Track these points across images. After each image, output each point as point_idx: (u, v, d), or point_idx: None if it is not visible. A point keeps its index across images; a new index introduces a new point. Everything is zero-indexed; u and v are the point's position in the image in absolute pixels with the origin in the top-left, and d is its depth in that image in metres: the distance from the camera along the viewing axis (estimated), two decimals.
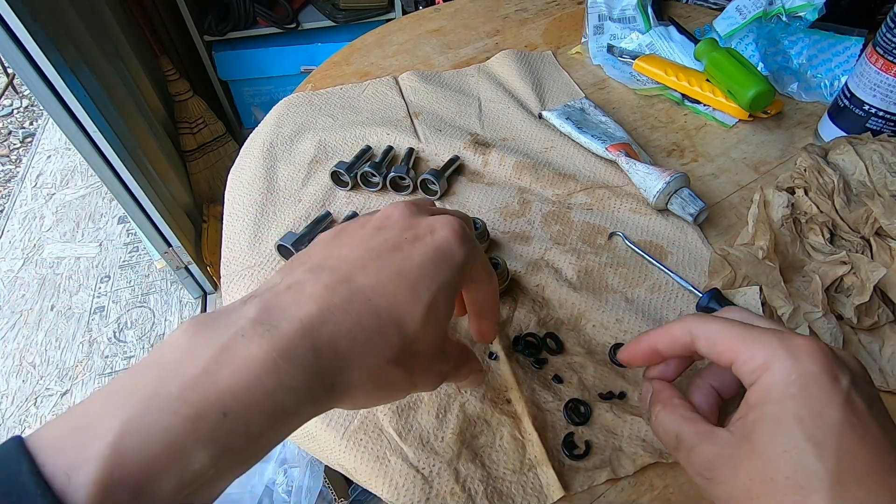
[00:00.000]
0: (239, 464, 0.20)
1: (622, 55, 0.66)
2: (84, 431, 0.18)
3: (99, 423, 0.18)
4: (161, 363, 0.20)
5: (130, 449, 0.17)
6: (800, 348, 0.23)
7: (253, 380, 0.19)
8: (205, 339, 0.20)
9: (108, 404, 0.18)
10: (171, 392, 0.18)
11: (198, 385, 0.19)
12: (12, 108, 2.19)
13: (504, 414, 0.36)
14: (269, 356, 0.20)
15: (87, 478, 0.17)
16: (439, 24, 0.76)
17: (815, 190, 0.44)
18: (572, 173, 0.52)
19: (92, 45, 1.11)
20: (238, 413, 0.19)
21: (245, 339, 0.20)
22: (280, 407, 0.20)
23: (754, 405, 0.23)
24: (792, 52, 0.62)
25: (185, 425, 0.18)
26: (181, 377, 0.19)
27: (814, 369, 0.22)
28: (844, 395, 0.22)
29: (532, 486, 0.33)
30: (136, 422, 0.18)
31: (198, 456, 0.18)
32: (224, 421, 0.18)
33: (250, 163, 0.55)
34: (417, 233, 0.25)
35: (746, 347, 0.24)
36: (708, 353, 0.26)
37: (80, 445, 0.17)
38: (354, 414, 0.36)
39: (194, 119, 1.52)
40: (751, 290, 0.40)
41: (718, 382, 0.28)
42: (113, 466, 0.17)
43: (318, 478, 0.83)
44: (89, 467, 0.17)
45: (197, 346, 0.20)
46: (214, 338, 0.20)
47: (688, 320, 0.27)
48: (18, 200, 1.75)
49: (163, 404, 0.18)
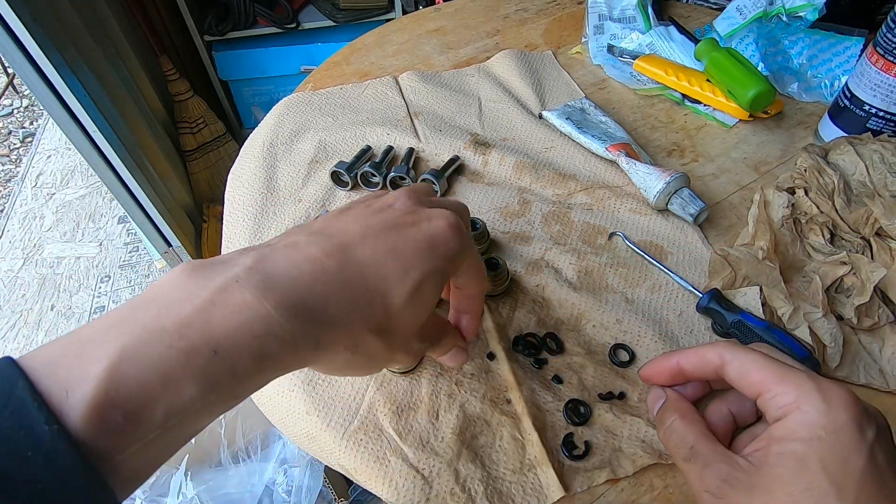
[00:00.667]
0: (223, 401, 0.20)
1: (622, 55, 0.66)
2: (81, 355, 0.18)
3: (96, 348, 0.18)
4: (158, 299, 0.20)
5: (126, 375, 0.18)
6: (834, 395, 0.24)
7: (244, 323, 0.20)
8: (201, 280, 0.21)
9: (105, 332, 0.19)
10: (166, 326, 0.19)
11: (192, 322, 0.19)
12: (12, 107, 2.19)
13: (504, 414, 0.36)
14: (261, 303, 0.21)
15: (84, 397, 0.17)
16: (439, 23, 0.76)
17: (815, 190, 0.44)
18: (572, 173, 0.52)
19: (92, 45, 1.11)
20: (228, 352, 0.20)
21: (239, 284, 0.21)
22: (266, 352, 0.21)
23: (779, 439, 0.24)
24: (792, 52, 0.62)
25: (178, 358, 0.19)
26: (177, 314, 0.20)
27: (845, 417, 0.23)
28: (869, 446, 0.23)
29: (532, 486, 0.33)
30: (133, 350, 0.18)
31: (188, 388, 0.19)
32: (214, 358, 0.19)
33: (250, 163, 0.55)
34: (416, 218, 0.27)
35: (779, 382, 0.25)
36: (737, 380, 0.27)
37: (77, 367, 0.18)
38: (354, 414, 0.36)
39: (194, 119, 1.52)
40: (751, 291, 0.40)
41: (737, 410, 0.29)
42: (108, 389, 0.17)
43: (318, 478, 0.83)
44: (85, 388, 0.17)
45: (193, 287, 0.21)
46: (210, 280, 0.21)
47: (720, 346, 0.28)
48: (18, 200, 1.75)
49: (159, 337, 0.19)
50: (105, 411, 0.17)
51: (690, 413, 0.29)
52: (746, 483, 0.24)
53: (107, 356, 0.18)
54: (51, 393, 0.17)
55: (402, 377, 0.38)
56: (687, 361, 0.29)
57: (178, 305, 0.20)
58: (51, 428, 0.17)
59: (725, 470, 0.25)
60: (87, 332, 0.19)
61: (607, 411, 0.35)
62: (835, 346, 0.37)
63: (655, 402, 0.31)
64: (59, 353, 0.18)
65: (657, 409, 0.30)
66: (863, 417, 0.23)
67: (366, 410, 0.36)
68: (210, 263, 0.22)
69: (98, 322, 0.20)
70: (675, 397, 0.30)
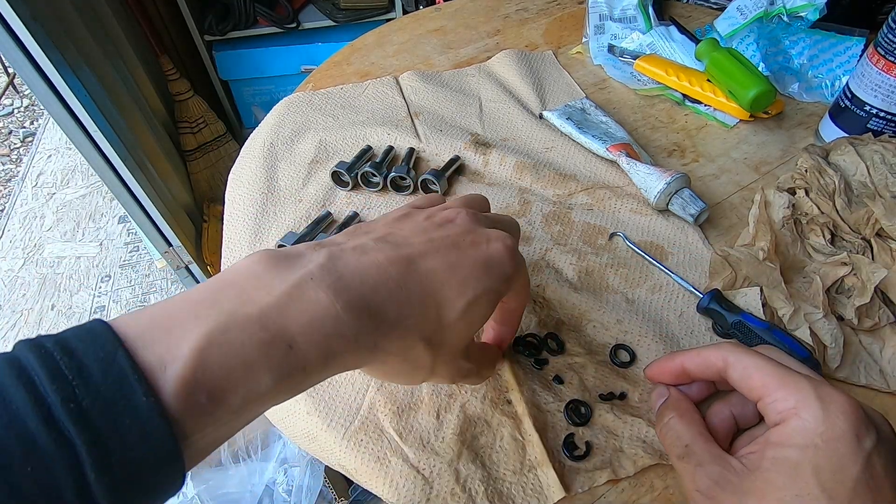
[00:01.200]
0: (288, 393, 0.21)
1: (623, 55, 0.66)
2: (170, 331, 0.19)
3: (184, 327, 0.19)
4: (238, 285, 0.21)
5: (212, 358, 0.19)
6: (833, 402, 0.24)
7: (316, 321, 0.21)
8: (278, 273, 0.22)
9: (190, 311, 0.20)
10: (249, 315, 0.20)
11: (271, 314, 0.20)
12: (13, 107, 2.19)
13: (504, 415, 0.36)
14: (332, 303, 0.22)
15: (175, 374, 0.18)
16: (440, 23, 0.76)
17: (815, 191, 0.44)
18: (573, 173, 0.52)
19: (92, 45, 1.11)
20: (301, 347, 0.20)
21: (314, 282, 0.22)
22: (332, 351, 0.21)
23: (774, 444, 0.24)
24: (793, 52, 0.62)
25: (259, 348, 0.20)
26: (257, 304, 0.20)
27: (843, 426, 0.23)
28: (866, 455, 0.23)
29: (532, 486, 0.33)
30: (219, 335, 0.19)
31: (264, 378, 0.20)
32: (289, 352, 0.20)
33: (251, 162, 0.55)
34: (475, 238, 0.28)
35: (780, 387, 0.25)
36: (739, 383, 0.27)
37: (169, 343, 0.19)
38: (355, 414, 0.36)
39: (195, 119, 1.52)
40: (751, 291, 0.40)
41: (738, 412, 0.29)
42: (196, 369, 0.18)
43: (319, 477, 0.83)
44: (177, 365, 0.18)
45: (271, 278, 0.22)
46: (287, 274, 0.22)
47: (724, 347, 0.28)
48: (19, 200, 1.75)
49: (242, 325, 0.20)
50: (192, 391, 0.18)
51: (689, 412, 0.29)
52: (738, 486, 0.24)
53: (195, 337, 0.19)
54: (149, 366, 0.18)
55: None
56: (691, 362, 0.29)
57: (257, 295, 0.21)
58: (148, 400, 0.17)
59: (718, 471, 0.25)
60: (172, 309, 0.20)
61: (608, 412, 0.35)
62: (835, 346, 0.37)
63: (658, 400, 0.31)
64: (147, 326, 0.19)
65: (658, 406, 0.31)
66: (862, 426, 0.23)
67: (366, 411, 0.36)
68: (285, 256, 0.23)
69: (180, 299, 0.20)
70: (677, 396, 0.30)
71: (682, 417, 0.29)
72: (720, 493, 0.25)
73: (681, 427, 0.28)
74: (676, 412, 0.29)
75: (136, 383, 0.17)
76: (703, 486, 0.25)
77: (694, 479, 0.26)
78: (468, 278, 0.26)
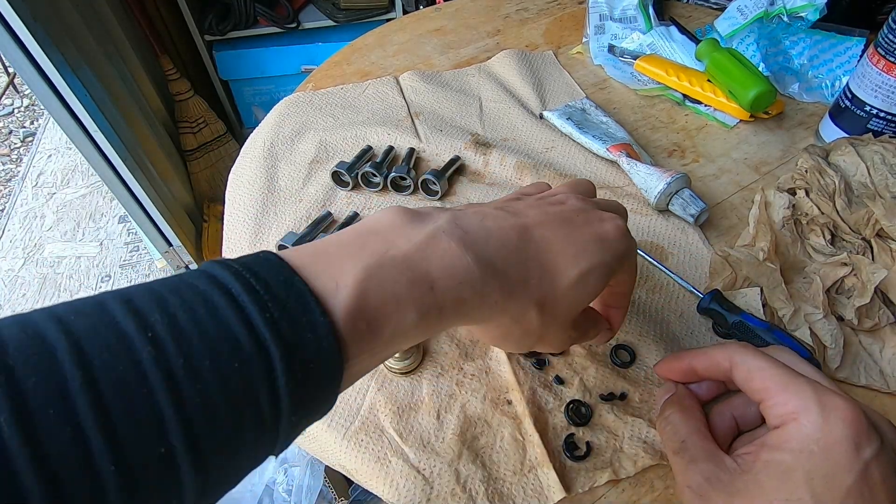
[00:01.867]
0: (425, 332, 0.23)
1: (623, 55, 0.66)
2: (332, 264, 0.21)
3: (345, 262, 0.21)
4: (381, 233, 0.23)
5: (371, 290, 0.20)
6: (833, 408, 0.23)
7: (450, 268, 0.22)
8: (415, 224, 0.23)
9: (345, 251, 0.21)
10: (396, 257, 0.22)
11: (414, 257, 0.22)
12: (13, 107, 2.19)
13: (505, 415, 0.36)
14: (463, 254, 0.23)
15: (343, 300, 0.20)
16: (440, 23, 0.76)
17: (816, 191, 0.44)
18: (573, 174, 0.52)
19: (93, 45, 1.11)
20: (439, 289, 0.22)
21: (446, 234, 0.23)
22: (463, 298, 0.23)
23: (771, 447, 0.24)
24: (793, 52, 0.62)
25: (407, 286, 0.21)
26: (401, 248, 0.22)
27: (841, 434, 0.23)
28: (863, 464, 0.22)
29: (533, 486, 0.33)
30: (374, 271, 0.21)
31: (410, 314, 0.21)
32: (430, 293, 0.22)
33: (251, 162, 0.55)
34: (588, 217, 0.28)
35: (782, 391, 0.25)
36: (742, 384, 0.27)
37: (334, 274, 0.20)
38: (355, 415, 0.36)
39: (195, 118, 1.52)
40: (751, 292, 0.40)
41: (741, 413, 0.29)
42: (360, 298, 0.20)
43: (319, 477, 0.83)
44: (344, 293, 0.20)
45: (410, 228, 0.23)
46: (422, 226, 0.23)
47: (731, 348, 0.28)
48: (19, 200, 1.75)
49: (391, 264, 0.21)
50: (356, 318, 0.20)
51: (690, 408, 0.29)
52: (728, 485, 0.24)
53: (356, 270, 0.20)
54: (323, 290, 0.19)
55: (402, 378, 0.38)
56: (699, 362, 0.30)
57: (399, 242, 0.22)
58: (324, 320, 0.19)
59: (710, 469, 0.25)
60: (328, 248, 0.22)
61: (608, 412, 0.35)
62: (835, 347, 0.37)
63: (663, 395, 0.31)
64: (311, 259, 0.21)
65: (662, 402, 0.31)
66: (863, 435, 0.23)
67: (367, 411, 0.36)
68: (416, 212, 0.25)
69: (330, 242, 0.22)
70: (682, 393, 0.30)
71: (682, 413, 0.29)
72: (710, 491, 0.25)
73: (679, 422, 0.28)
74: (677, 407, 0.29)
75: (314, 304, 0.19)
76: (695, 483, 0.25)
77: (686, 475, 0.26)
78: (582, 251, 0.26)
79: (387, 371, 0.38)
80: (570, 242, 0.26)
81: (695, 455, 0.26)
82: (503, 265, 0.24)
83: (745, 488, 0.24)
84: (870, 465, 0.22)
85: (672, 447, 0.28)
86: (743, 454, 0.25)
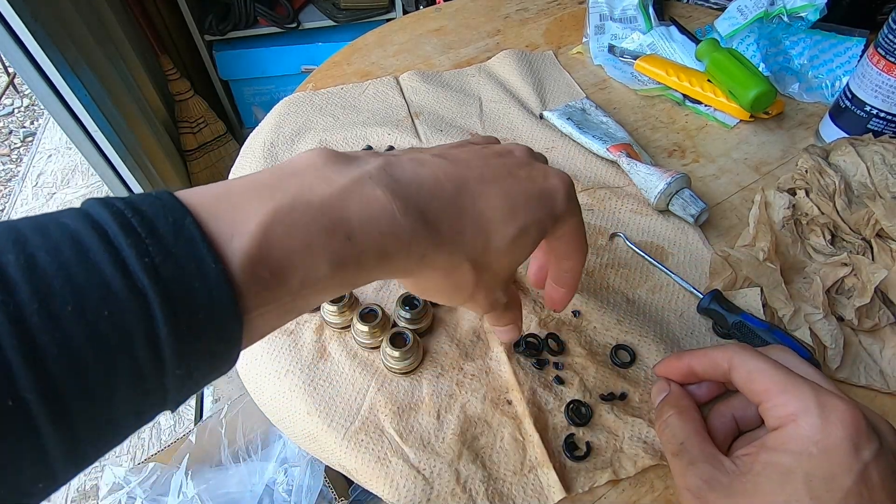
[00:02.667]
0: (342, 285, 0.21)
1: (623, 55, 0.66)
2: (236, 206, 0.19)
3: (250, 204, 0.19)
4: (300, 174, 0.21)
5: (276, 236, 0.19)
6: (833, 410, 0.23)
7: (373, 218, 0.21)
8: (338, 168, 0.22)
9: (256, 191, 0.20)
10: (311, 202, 0.20)
11: (333, 204, 0.20)
12: (13, 107, 2.19)
13: (505, 415, 0.36)
14: (390, 203, 0.21)
15: (242, 246, 0.18)
16: (440, 23, 0.76)
17: (816, 191, 0.44)
18: (573, 174, 0.52)
19: (93, 45, 1.11)
20: (357, 241, 0.20)
21: (372, 181, 0.22)
22: (386, 250, 0.21)
23: (769, 449, 0.24)
24: (793, 52, 0.62)
25: (319, 234, 0.20)
26: (319, 193, 0.20)
27: (840, 435, 0.23)
28: (862, 466, 0.22)
29: (533, 486, 0.33)
30: (283, 215, 0.19)
31: (321, 264, 0.20)
32: (347, 243, 0.20)
33: (251, 162, 0.55)
34: (532, 172, 0.27)
35: (780, 393, 0.25)
36: (742, 386, 0.27)
37: (235, 217, 0.19)
38: (355, 415, 0.36)
39: (195, 118, 1.52)
40: (751, 292, 0.40)
41: (741, 414, 0.29)
42: (262, 244, 0.18)
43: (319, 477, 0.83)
44: (244, 238, 0.18)
45: (332, 172, 0.21)
46: (347, 170, 0.22)
47: (730, 349, 0.28)
48: (19, 200, 1.75)
49: (304, 209, 0.20)
50: (257, 265, 0.18)
51: (688, 410, 0.29)
52: (727, 487, 0.24)
53: (261, 213, 0.19)
54: (218, 236, 0.18)
55: (403, 378, 0.38)
56: (698, 363, 0.29)
57: (318, 186, 0.21)
58: (217, 267, 0.17)
59: (709, 471, 0.25)
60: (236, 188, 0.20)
61: (609, 412, 0.35)
62: (835, 347, 0.37)
63: (658, 395, 0.31)
64: (212, 200, 0.19)
65: (658, 402, 0.31)
66: (862, 436, 0.23)
67: (367, 411, 0.36)
68: (343, 155, 0.23)
69: (243, 181, 0.20)
70: (678, 393, 0.30)
71: (680, 415, 0.29)
72: (709, 493, 0.25)
73: (678, 424, 0.28)
74: (675, 409, 0.29)
75: (205, 250, 0.17)
76: (693, 485, 0.25)
77: (685, 477, 0.26)
78: (520, 207, 0.25)
79: (387, 371, 0.38)
80: (510, 198, 0.25)
81: (694, 457, 0.26)
82: (434, 217, 0.23)
83: (744, 490, 0.24)
84: (869, 467, 0.22)
85: (671, 449, 0.28)
86: (742, 455, 0.25)
